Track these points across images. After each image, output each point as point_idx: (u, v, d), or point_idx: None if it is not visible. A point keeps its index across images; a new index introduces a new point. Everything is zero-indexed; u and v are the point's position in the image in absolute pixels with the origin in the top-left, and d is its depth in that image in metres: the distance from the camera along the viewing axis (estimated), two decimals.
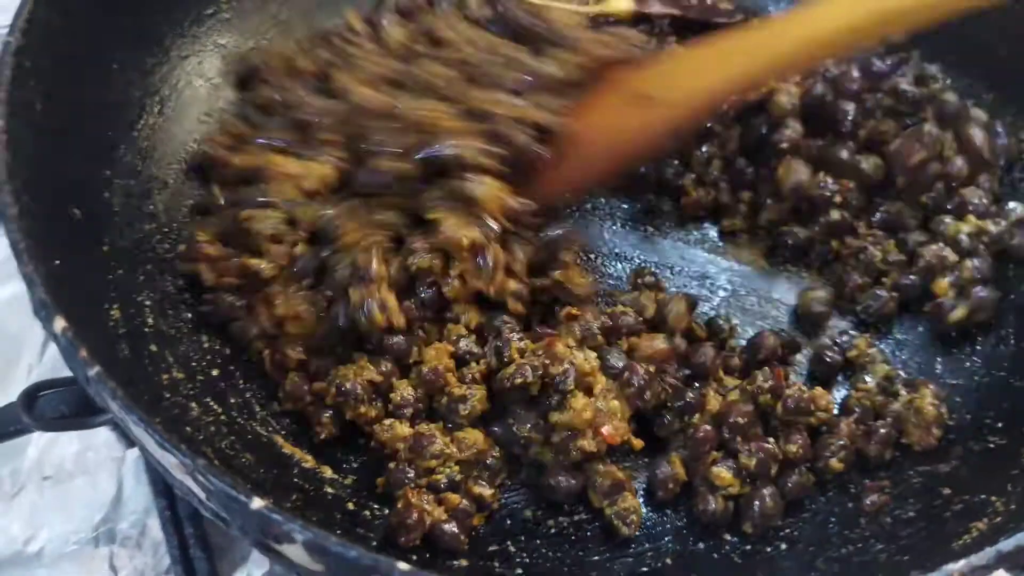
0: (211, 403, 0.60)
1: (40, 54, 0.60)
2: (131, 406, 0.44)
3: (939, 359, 0.71)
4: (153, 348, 0.61)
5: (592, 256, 0.77)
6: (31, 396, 0.62)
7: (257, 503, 0.41)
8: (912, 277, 0.72)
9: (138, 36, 0.73)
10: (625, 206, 0.80)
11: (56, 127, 0.62)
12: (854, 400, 0.66)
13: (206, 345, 0.65)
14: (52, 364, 0.80)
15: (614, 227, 0.79)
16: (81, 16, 0.65)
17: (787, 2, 0.90)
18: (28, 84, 0.59)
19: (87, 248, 0.62)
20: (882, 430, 0.64)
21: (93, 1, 0.67)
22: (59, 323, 0.46)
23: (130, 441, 0.73)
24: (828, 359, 0.69)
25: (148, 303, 0.64)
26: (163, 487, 0.69)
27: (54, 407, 0.62)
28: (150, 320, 0.63)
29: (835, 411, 0.66)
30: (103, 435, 0.75)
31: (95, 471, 0.75)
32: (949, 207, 0.74)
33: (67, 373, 0.56)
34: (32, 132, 0.58)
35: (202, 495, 0.44)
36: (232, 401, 0.62)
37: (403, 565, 0.40)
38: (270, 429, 0.62)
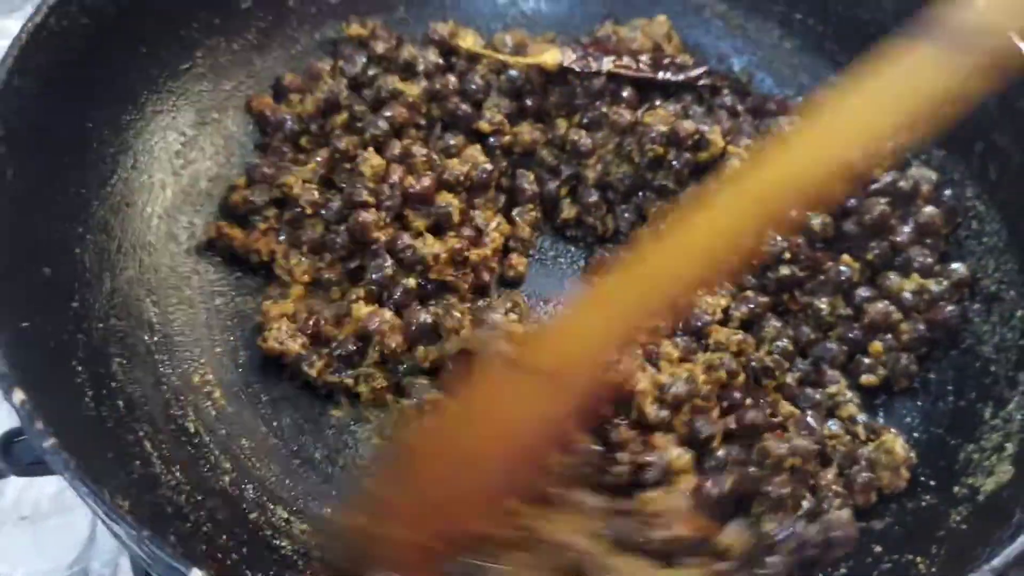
0: (175, 464, 0.63)
1: (14, 121, 0.63)
2: (82, 478, 0.46)
3: (880, 412, 0.73)
4: (120, 406, 0.64)
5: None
6: (7, 442, 0.64)
7: (196, 573, 0.44)
8: (857, 331, 0.74)
9: (113, 95, 0.75)
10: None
11: (29, 189, 0.65)
12: (831, 447, 0.68)
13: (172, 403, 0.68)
14: None
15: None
16: (58, 81, 0.68)
17: (749, 54, 0.93)
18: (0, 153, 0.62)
19: (57, 307, 0.65)
20: (862, 475, 0.66)
21: (69, 65, 0.69)
22: (18, 395, 0.48)
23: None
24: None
25: (118, 360, 0.67)
26: None
27: (30, 452, 0.63)
28: (119, 378, 0.66)
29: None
30: None
31: (71, 512, 0.78)
32: (896, 263, 0.77)
33: None
34: (4, 200, 0.61)
35: (148, 561, 0.47)
36: (199, 459, 0.65)
37: None
38: (236, 491, 0.65)
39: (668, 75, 0.84)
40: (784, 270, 0.76)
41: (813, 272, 0.77)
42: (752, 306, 0.75)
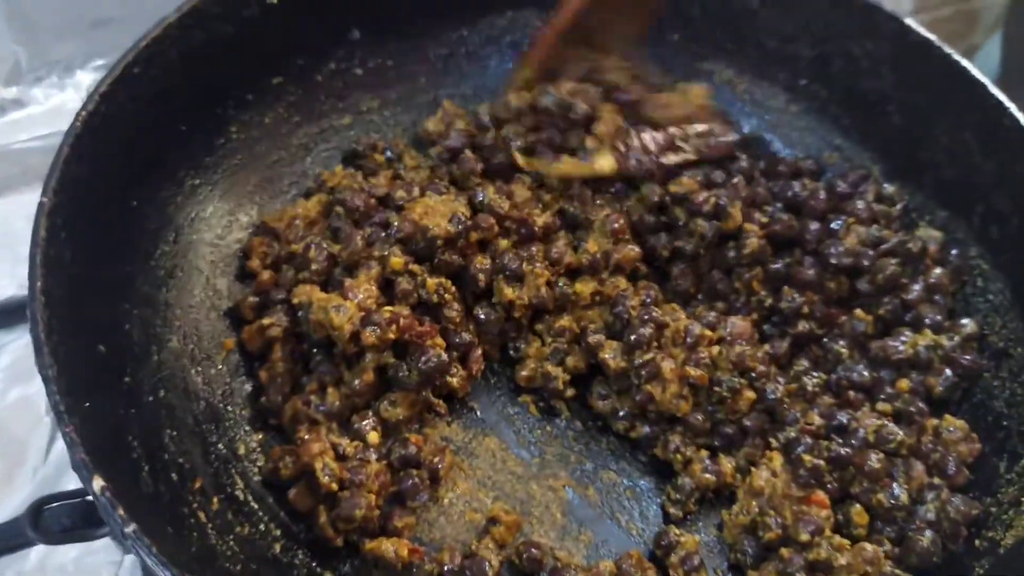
0: (229, 535, 0.65)
1: (69, 208, 0.66)
2: (165, 563, 0.49)
3: None
4: (174, 479, 0.66)
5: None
6: (36, 510, 0.64)
7: None
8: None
9: (155, 173, 0.78)
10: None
11: (84, 271, 0.67)
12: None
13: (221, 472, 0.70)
14: (56, 466, 0.84)
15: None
16: (106, 166, 0.71)
17: (757, 118, 0.97)
18: (59, 239, 0.64)
19: (112, 384, 0.67)
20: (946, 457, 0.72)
21: (117, 150, 0.72)
22: (97, 483, 0.51)
23: (127, 547, 0.77)
24: None
25: (169, 432, 0.69)
26: None
27: (59, 520, 0.64)
28: (171, 450, 0.68)
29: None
30: (102, 540, 0.75)
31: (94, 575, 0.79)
32: (907, 319, 0.80)
33: (71, 478, 0.60)
34: (63, 284, 0.63)
35: None
36: (250, 527, 0.67)
37: None
38: (287, 558, 0.67)
39: (710, 152, 0.88)
40: (801, 325, 0.80)
41: (830, 327, 0.80)
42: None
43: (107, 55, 1.06)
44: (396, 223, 0.79)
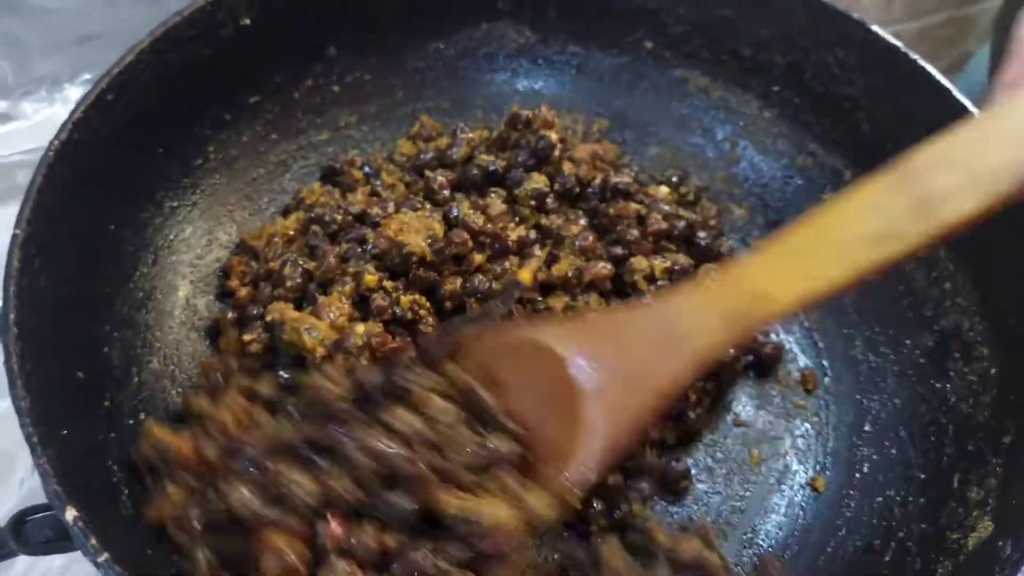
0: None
1: (44, 236, 0.66)
2: None
3: (865, 465, 0.78)
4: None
5: None
6: (18, 522, 0.65)
7: None
8: None
9: (132, 195, 0.80)
10: None
11: (60, 296, 0.68)
12: None
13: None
14: None
15: None
16: (81, 192, 0.72)
17: (731, 124, 0.98)
18: (33, 267, 0.65)
19: (91, 410, 0.68)
20: None
21: (93, 175, 0.73)
22: (70, 513, 0.52)
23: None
24: None
25: None
26: None
27: (41, 532, 0.65)
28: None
29: None
30: None
31: None
32: None
33: None
34: (38, 312, 0.64)
35: None
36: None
37: None
38: None
39: None
40: None
41: None
42: None
43: (94, 70, 1.07)
44: (372, 240, 0.80)
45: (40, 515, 0.67)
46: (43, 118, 1.11)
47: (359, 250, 0.80)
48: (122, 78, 0.76)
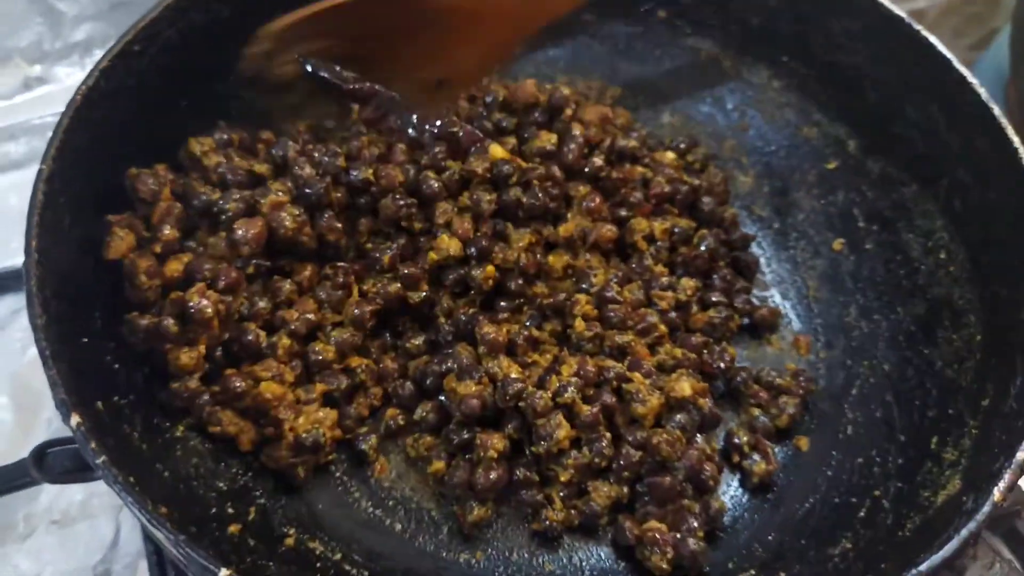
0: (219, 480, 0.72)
1: (68, 176, 0.71)
2: (130, 492, 0.55)
3: (849, 428, 0.80)
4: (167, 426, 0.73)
5: None
6: (40, 453, 0.72)
7: (224, 573, 0.52)
8: None
9: (155, 146, 0.84)
10: None
11: (83, 235, 0.73)
12: None
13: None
14: None
15: None
16: (106, 138, 0.76)
17: (741, 93, 0.99)
18: (57, 204, 0.69)
19: (105, 335, 0.73)
20: None
21: (117, 121, 0.77)
22: (74, 419, 0.57)
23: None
24: None
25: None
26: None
27: (60, 463, 0.72)
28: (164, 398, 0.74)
29: None
30: (105, 486, 0.85)
31: (97, 517, 0.85)
32: None
33: None
34: (61, 246, 0.69)
35: (183, 561, 0.55)
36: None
37: None
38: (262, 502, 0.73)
39: None
40: None
41: None
42: None
43: None
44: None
45: (60, 448, 0.73)
46: (75, 82, 1.15)
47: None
48: (148, 31, 0.80)
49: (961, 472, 0.68)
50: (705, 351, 0.82)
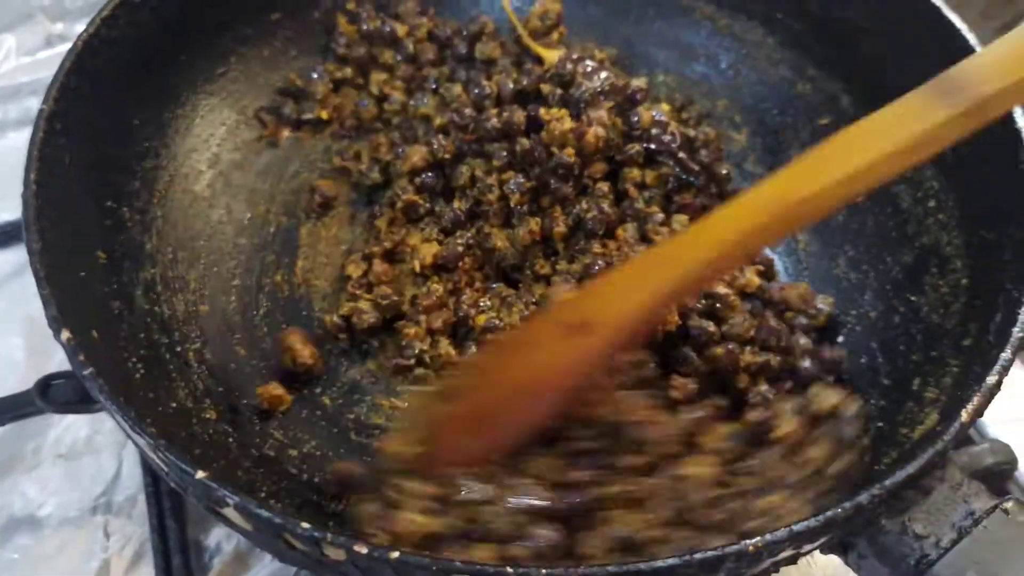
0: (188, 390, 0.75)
1: (69, 117, 0.73)
2: (111, 399, 0.57)
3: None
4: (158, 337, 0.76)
5: None
6: (45, 384, 0.76)
7: (200, 474, 0.54)
8: None
9: (156, 95, 0.87)
10: None
11: (83, 176, 0.76)
12: None
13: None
14: None
15: None
16: (107, 83, 0.79)
17: (735, 51, 1.00)
18: (57, 143, 0.72)
19: (111, 281, 0.76)
20: None
21: (118, 69, 0.80)
22: (64, 334, 0.59)
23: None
24: None
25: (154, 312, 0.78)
26: (151, 468, 0.82)
27: (64, 393, 0.76)
28: (161, 342, 0.77)
29: None
30: (110, 422, 0.86)
31: (101, 452, 0.88)
32: None
33: None
34: (60, 182, 0.72)
35: (164, 468, 0.57)
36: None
37: (305, 524, 0.52)
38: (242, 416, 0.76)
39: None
40: None
41: None
42: None
43: None
44: None
45: (64, 380, 0.77)
46: None
47: None
48: None
49: (939, 407, 0.69)
50: None
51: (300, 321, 0.85)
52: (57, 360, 0.94)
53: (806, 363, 0.80)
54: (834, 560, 0.64)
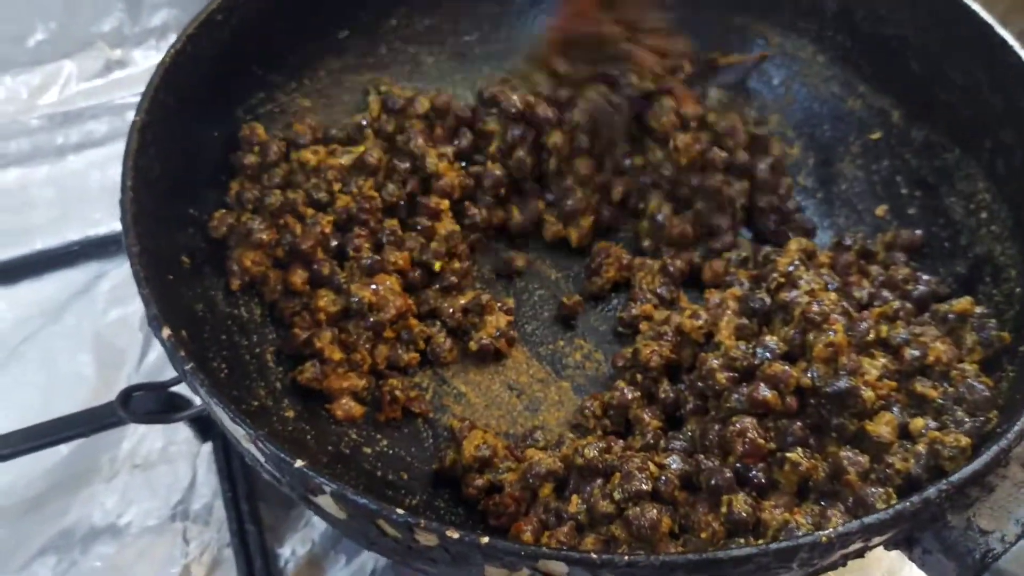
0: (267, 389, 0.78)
1: (158, 129, 0.78)
2: (213, 393, 0.60)
3: None
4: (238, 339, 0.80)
5: None
6: (127, 395, 0.79)
7: (299, 463, 0.57)
8: None
9: (233, 108, 0.91)
10: None
11: (170, 188, 0.80)
12: None
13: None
14: (147, 373, 0.98)
15: None
16: (192, 98, 0.83)
17: (786, 68, 1.03)
18: (149, 153, 0.76)
19: (195, 285, 0.80)
20: None
21: (200, 85, 0.84)
22: (165, 331, 0.63)
23: (205, 437, 0.90)
24: None
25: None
26: (228, 474, 0.86)
27: (144, 405, 0.79)
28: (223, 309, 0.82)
29: None
30: (184, 433, 0.91)
31: (176, 461, 0.91)
32: None
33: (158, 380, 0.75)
34: (151, 190, 0.76)
35: (261, 459, 0.60)
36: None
37: (400, 510, 0.54)
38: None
39: None
40: None
41: None
42: None
43: None
44: None
45: (144, 392, 0.80)
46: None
47: None
48: (229, 4, 0.87)
49: (997, 410, 0.70)
50: None
51: None
52: (125, 375, 0.99)
53: None
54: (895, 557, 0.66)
